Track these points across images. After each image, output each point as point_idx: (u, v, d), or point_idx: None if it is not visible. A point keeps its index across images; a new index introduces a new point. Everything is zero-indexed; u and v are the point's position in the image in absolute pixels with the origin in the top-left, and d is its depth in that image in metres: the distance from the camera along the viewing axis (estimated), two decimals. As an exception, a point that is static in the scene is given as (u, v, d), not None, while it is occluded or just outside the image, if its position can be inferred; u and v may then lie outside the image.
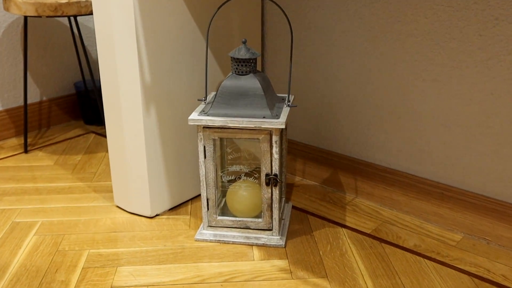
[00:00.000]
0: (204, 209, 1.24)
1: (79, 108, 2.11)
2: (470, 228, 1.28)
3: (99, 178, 1.60)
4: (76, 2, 1.57)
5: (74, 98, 2.12)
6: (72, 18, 2.00)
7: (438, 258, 1.20)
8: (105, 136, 1.94)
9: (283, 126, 1.12)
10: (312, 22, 1.47)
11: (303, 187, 1.55)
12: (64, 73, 2.11)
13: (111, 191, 1.46)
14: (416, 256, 1.20)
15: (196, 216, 1.38)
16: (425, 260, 1.19)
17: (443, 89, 1.27)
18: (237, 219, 1.25)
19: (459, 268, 1.16)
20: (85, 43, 2.08)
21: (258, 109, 1.15)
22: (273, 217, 1.22)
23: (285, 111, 1.18)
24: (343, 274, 1.13)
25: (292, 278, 1.12)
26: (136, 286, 1.10)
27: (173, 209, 1.42)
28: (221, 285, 1.09)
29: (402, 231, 1.31)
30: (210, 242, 1.26)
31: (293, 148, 1.61)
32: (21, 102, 1.95)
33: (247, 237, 1.24)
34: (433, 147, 1.33)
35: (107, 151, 1.81)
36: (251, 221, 1.24)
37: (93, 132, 2.01)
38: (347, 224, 1.34)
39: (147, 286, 1.10)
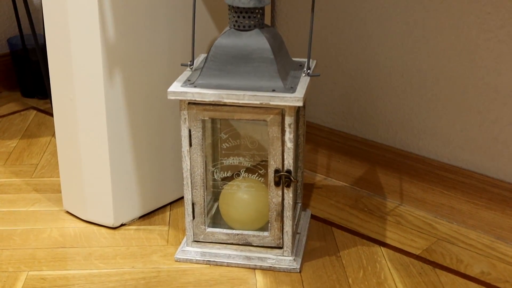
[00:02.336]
0: (189, 217, 1.26)
1: (15, 74, 2.12)
2: (560, 250, 1.30)
3: (43, 173, 1.62)
4: None
5: (7, 60, 2.13)
6: None
7: (514, 290, 1.21)
8: (51, 114, 1.95)
9: (301, 104, 1.13)
10: (343, -43, 1.48)
11: (327, 189, 1.57)
12: (-7, 24, 2.12)
13: (59, 191, 1.48)
14: (484, 288, 1.22)
15: (177, 227, 1.40)
16: (496, 293, 1.21)
17: (526, 54, 1.28)
18: (234, 232, 1.26)
19: (543, 305, 1.17)
20: (24, -18, 2.09)
21: (266, 78, 1.16)
22: (285, 230, 1.24)
23: (304, 82, 1.19)
24: (381, 311, 1.15)
25: (310, 315, 1.14)
26: (92, 322, 1.12)
27: (145, 216, 1.43)
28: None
29: (465, 252, 1.32)
30: (196, 263, 1.27)
31: (314, 135, 1.62)
32: None
33: (248, 257, 1.26)
34: None
35: (53, 135, 1.82)
36: (254, 235, 1.26)
37: (34, 108, 2.02)
38: (388, 241, 1.36)
39: (108, 322, 1.12)
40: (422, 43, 1.40)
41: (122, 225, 1.40)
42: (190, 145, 1.21)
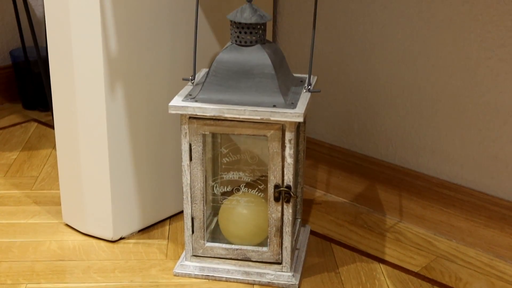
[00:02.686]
0: (188, 232, 1.26)
1: (16, 86, 2.13)
2: (559, 269, 1.30)
3: (43, 185, 1.62)
4: None
5: (9, 72, 2.14)
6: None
7: (513, 309, 1.21)
8: (51, 126, 1.96)
9: (301, 119, 1.14)
10: (345, -25, 1.49)
11: (326, 205, 1.57)
12: (-4, 36, 2.13)
13: (59, 204, 1.48)
14: (482, 306, 1.22)
15: (176, 241, 1.40)
16: (495, 311, 1.20)
17: (526, 73, 1.28)
18: (234, 247, 1.26)
19: (542, 324, 1.17)
20: (27, -5, 2.10)
21: (267, 94, 1.17)
22: (284, 246, 1.24)
23: (304, 98, 1.20)
24: (379, 328, 1.15)
25: (308, 332, 1.13)
26: (90, 336, 1.12)
27: (145, 230, 1.43)
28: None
29: (464, 270, 1.32)
30: (195, 278, 1.27)
31: (314, 151, 1.63)
32: None
33: (247, 273, 1.26)
34: None
35: (54, 147, 1.83)
36: (253, 251, 1.26)
37: (35, 120, 2.03)
38: (387, 258, 1.36)
39: (106, 336, 1.12)
40: (422, 60, 1.41)
41: (121, 238, 1.40)
42: (191, 159, 1.21)
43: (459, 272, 1.31)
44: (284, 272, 1.25)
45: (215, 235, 1.32)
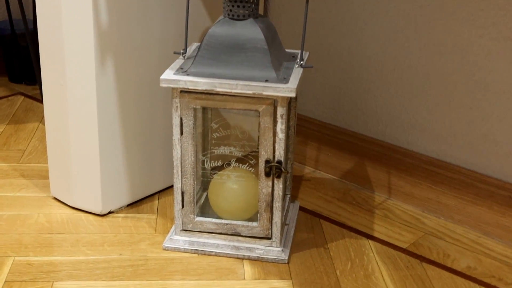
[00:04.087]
0: (178, 206, 1.26)
1: (3, 60, 2.11)
2: (545, 247, 1.31)
3: (30, 159, 1.61)
4: None
5: (-5, 44, 2.12)
6: None
7: (499, 285, 1.23)
8: (39, 100, 1.94)
9: (293, 94, 1.14)
10: (338, -50, 1.48)
11: (315, 181, 1.57)
12: (-18, 8, 2.10)
13: (47, 177, 1.48)
14: (470, 282, 1.23)
15: (166, 215, 1.40)
16: (482, 288, 1.22)
17: (517, 52, 1.29)
18: (223, 221, 1.27)
19: (528, 301, 1.19)
20: (14, -34, 2.07)
21: (259, 68, 1.17)
22: (273, 221, 1.24)
23: (296, 73, 1.20)
24: (368, 303, 1.16)
25: (297, 306, 1.14)
26: (79, 308, 1.12)
27: (134, 204, 1.43)
28: (198, 312, 1.12)
29: (451, 247, 1.34)
30: (184, 252, 1.28)
31: (304, 127, 1.63)
32: None
33: (237, 247, 1.27)
34: (501, 132, 1.35)
35: (41, 121, 1.82)
36: (243, 226, 1.26)
37: (22, 93, 2.01)
38: (376, 234, 1.37)
39: (95, 309, 1.12)
40: (414, 38, 1.41)
41: (110, 212, 1.39)
42: (181, 133, 1.21)
43: (447, 248, 1.32)
44: (274, 247, 1.26)
45: (205, 209, 1.32)
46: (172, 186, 1.37)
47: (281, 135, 1.18)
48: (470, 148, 1.39)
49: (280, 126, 1.18)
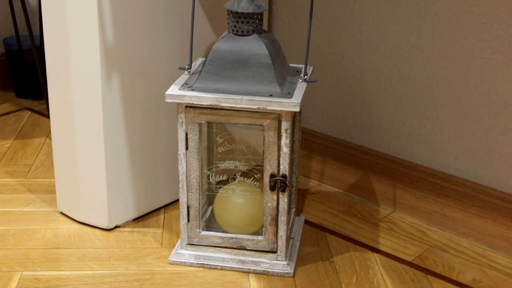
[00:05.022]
0: (183, 220, 1.27)
1: (9, 74, 2.12)
2: (551, 259, 1.31)
3: (37, 174, 1.62)
4: None
5: (2, 60, 2.13)
6: None
7: (505, 298, 1.23)
8: (45, 115, 1.96)
9: (298, 109, 1.14)
10: (341, -35, 1.49)
11: (320, 194, 1.58)
12: (-11, 24, 2.12)
13: (54, 192, 1.48)
14: (475, 295, 1.23)
15: (171, 230, 1.40)
16: (487, 300, 1.22)
17: (520, 65, 1.29)
18: (229, 235, 1.27)
19: (534, 313, 1.19)
20: (21, -17, 2.09)
21: (263, 83, 1.18)
22: (279, 235, 1.25)
23: (301, 88, 1.20)
24: (373, 316, 1.16)
25: (303, 320, 1.14)
26: (86, 323, 1.13)
27: (140, 219, 1.44)
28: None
29: (456, 260, 1.34)
30: (190, 266, 1.28)
31: (309, 141, 1.63)
32: None
33: (242, 261, 1.27)
34: (506, 145, 1.35)
35: (47, 136, 1.83)
36: (248, 239, 1.27)
37: (29, 108, 2.02)
38: (381, 247, 1.37)
39: (102, 323, 1.13)
40: (418, 51, 1.42)
41: (116, 227, 1.40)
42: (187, 148, 1.22)
43: (452, 261, 1.33)
44: (279, 260, 1.26)
45: (210, 223, 1.33)
46: (178, 200, 1.37)
47: (285, 149, 1.19)
48: (475, 161, 1.39)
49: (285, 140, 1.18)
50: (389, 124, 1.50)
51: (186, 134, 1.21)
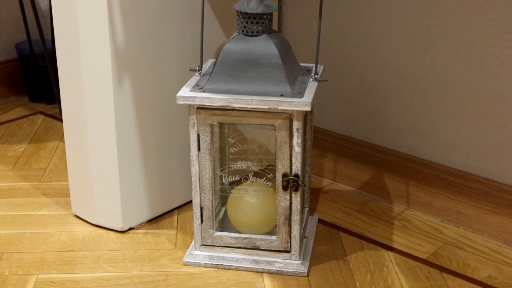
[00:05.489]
0: (197, 221, 1.27)
1: (22, 79, 2.14)
2: None
3: (51, 177, 1.63)
4: None
5: (15, 64, 2.15)
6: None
7: (520, 294, 1.22)
8: (58, 118, 1.97)
9: (309, 108, 1.15)
10: (350, -37, 1.49)
11: (334, 193, 1.58)
12: (1, 30, 2.13)
13: (68, 195, 1.49)
14: (490, 292, 1.23)
15: (185, 231, 1.41)
16: (503, 297, 1.21)
17: (532, 60, 1.29)
18: (242, 236, 1.27)
19: (550, 309, 1.18)
20: (32, -12, 2.11)
21: (274, 83, 1.18)
22: (292, 234, 1.25)
23: (311, 87, 1.20)
24: (388, 315, 1.16)
25: (318, 319, 1.14)
26: (102, 325, 1.13)
27: (153, 220, 1.45)
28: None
29: (471, 256, 1.33)
30: (204, 267, 1.29)
31: (321, 140, 1.63)
32: None
33: (256, 261, 1.27)
34: (517, 140, 1.35)
35: (61, 139, 1.84)
36: (262, 239, 1.27)
37: (42, 112, 2.04)
38: (395, 245, 1.37)
39: (118, 325, 1.13)
40: (428, 49, 1.41)
41: (130, 229, 1.41)
42: (199, 149, 1.22)
43: (467, 258, 1.32)
44: (293, 260, 1.26)
45: (224, 224, 1.33)
46: (191, 201, 1.38)
47: (297, 148, 1.19)
48: (488, 157, 1.39)
49: (297, 140, 1.18)
50: (401, 121, 1.50)
51: (198, 135, 1.21)
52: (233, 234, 1.28)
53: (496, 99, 1.34)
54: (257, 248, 1.27)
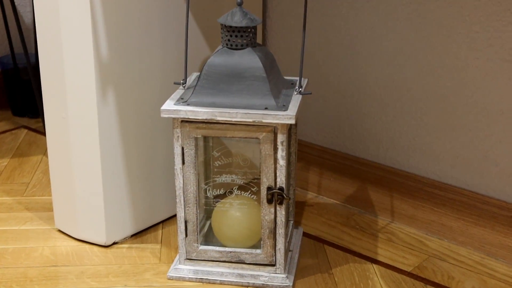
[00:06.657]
0: (181, 235, 1.26)
1: (6, 93, 2.12)
2: (550, 266, 1.31)
3: (34, 192, 1.62)
4: None
5: (-2, 79, 2.14)
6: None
7: (505, 306, 1.22)
8: (42, 132, 1.95)
9: (293, 121, 1.14)
10: (333, -22, 1.50)
11: (318, 206, 1.57)
12: (-15, 43, 2.12)
13: (51, 210, 1.48)
14: (475, 304, 1.23)
15: (170, 245, 1.40)
16: (488, 309, 1.21)
17: (514, 73, 1.29)
18: (227, 249, 1.27)
19: (534, 321, 1.18)
20: (16, 1, 2.10)
21: (258, 96, 1.18)
22: (277, 248, 1.24)
23: (296, 100, 1.20)
24: (374, 328, 1.16)
25: (303, 333, 1.14)
26: None
27: (138, 235, 1.43)
28: None
29: (456, 269, 1.33)
30: (189, 281, 1.27)
31: (306, 153, 1.63)
32: None
33: (241, 275, 1.26)
34: (502, 153, 1.35)
35: (44, 154, 1.82)
36: (247, 253, 1.26)
37: (25, 127, 2.02)
38: (380, 258, 1.36)
39: None
40: (411, 61, 1.42)
41: (114, 243, 1.39)
42: (183, 163, 1.21)
43: (451, 271, 1.32)
44: (278, 274, 1.25)
45: (208, 238, 1.32)
46: (175, 215, 1.37)
47: (282, 161, 1.19)
48: (471, 169, 1.39)
49: (281, 153, 1.18)
50: (385, 134, 1.50)
51: (182, 148, 1.21)
52: (217, 248, 1.27)
53: (479, 112, 1.35)
54: (242, 262, 1.26)
